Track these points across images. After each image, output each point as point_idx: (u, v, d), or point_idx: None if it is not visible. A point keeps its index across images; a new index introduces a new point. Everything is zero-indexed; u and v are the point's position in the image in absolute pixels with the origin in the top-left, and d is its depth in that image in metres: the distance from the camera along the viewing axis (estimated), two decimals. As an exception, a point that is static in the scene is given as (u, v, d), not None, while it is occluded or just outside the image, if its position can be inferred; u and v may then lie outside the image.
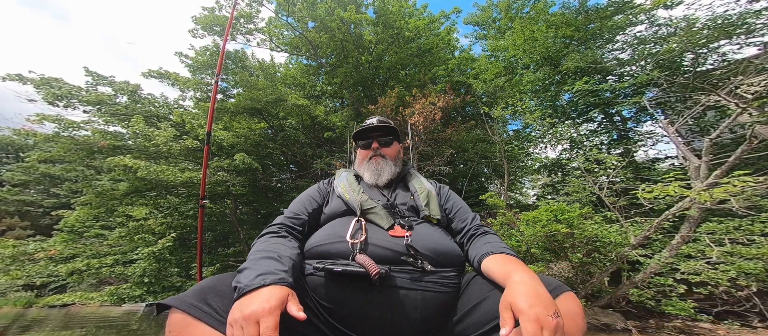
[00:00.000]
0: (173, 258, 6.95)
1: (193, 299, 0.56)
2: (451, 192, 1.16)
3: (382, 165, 1.12)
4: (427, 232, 0.87)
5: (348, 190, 1.01)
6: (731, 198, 2.21)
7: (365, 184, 1.13)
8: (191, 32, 7.91)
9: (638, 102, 4.40)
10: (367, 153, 1.16)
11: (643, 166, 5.06)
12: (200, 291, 0.58)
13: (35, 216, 19.64)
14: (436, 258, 0.80)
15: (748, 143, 2.30)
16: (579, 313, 0.63)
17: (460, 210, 1.05)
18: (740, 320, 3.23)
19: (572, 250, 3.62)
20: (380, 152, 1.15)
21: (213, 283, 0.61)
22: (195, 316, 0.54)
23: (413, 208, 0.99)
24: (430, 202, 1.00)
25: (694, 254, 3.03)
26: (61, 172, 7.61)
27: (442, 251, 0.83)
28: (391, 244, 0.79)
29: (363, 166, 1.16)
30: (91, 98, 6.35)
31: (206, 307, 0.56)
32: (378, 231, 0.84)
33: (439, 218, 0.97)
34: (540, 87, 6.35)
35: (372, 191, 1.07)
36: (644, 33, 5.38)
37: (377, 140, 1.16)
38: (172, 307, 0.55)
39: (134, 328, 5.13)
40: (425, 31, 8.64)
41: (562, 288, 0.67)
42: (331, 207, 1.00)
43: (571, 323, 0.60)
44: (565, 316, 0.60)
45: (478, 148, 7.28)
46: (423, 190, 1.04)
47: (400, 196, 1.04)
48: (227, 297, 0.58)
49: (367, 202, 0.93)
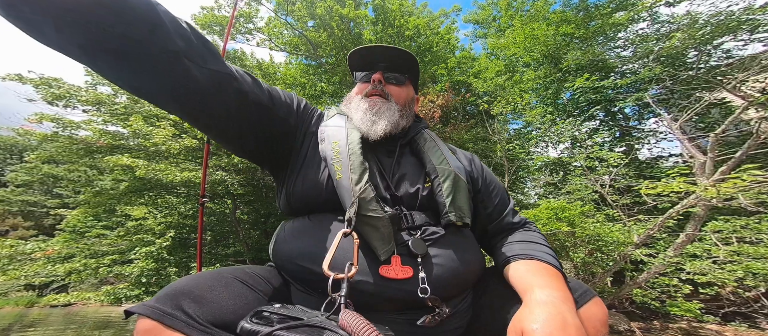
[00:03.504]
0: (172, 258, 6.93)
1: (162, 304, 0.46)
2: (486, 168, 0.81)
3: (381, 108, 0.72)
4: (447, 258, 0.59)
5: (344, 161, 0.63)
6: (739, 194, 2.13)
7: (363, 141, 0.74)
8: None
9: (641, 99, 4.33)
10: (363, 87, 0.78)
11: (647, 164, 4.98)
12: (172, 294, 0.47)
13: (38, 216, 19.82)
14: (454, 290, 0.59)
15: (755, 138, 2.23)
16: (604, 320, 0.56)
17: (499, 203, 0.76)
18: (748, 322, 3.14)
19: (574, 250, 3.55)
20: (383, 89, 0.76)
21: (187, 285, 0.49)
22: (166, 323, 0.44)
23: (428, 202, 0.67)
24: (457, 195, 0.65)
25: (700, 253, 2.95)
26: (64, 173, 7.63)
27: (465, 278, 0.61)
28: (386, 292, 0.53)
29: (352, 105, 0.76)
30: (91, 98, 6.36)
31: (179, 313, 0.45)
32: (367, 260, 0.55)
33: (469, 222, 0.66)
34: (541, 85, 6.29)
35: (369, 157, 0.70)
36: (646, 30, 5.31)
37: (384, 72, 0.77)
38: (139, 314, 0.45)
39: (131, 327, 5.10)
40: (425, 29, 8.61)
41: (589, 294, 0.58)
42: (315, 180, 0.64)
43: (594, 332, 0.53)
44: (592, 323, 0.53)
45: (479, 147, 7.23)
46: (446, 173, 0.67)
47: (408, 179, 0.69)
48: (205, 300, 0.47)
49: (371, 202, 0.58)
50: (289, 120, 0.70)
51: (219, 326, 0.46)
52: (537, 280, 0.53)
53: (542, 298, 0.48)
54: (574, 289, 0.58)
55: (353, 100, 0.77)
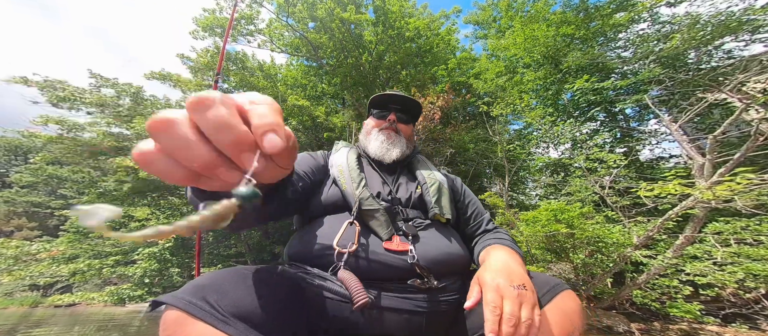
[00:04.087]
0: (175, 259, 7.00)
1: (189, 296, 0.50)
2: (466, 187, 1.02)
3: (394, 140, 0.97)
4: (433, 240, 0.76)
5: (346, 176, 0.84)
6: (736, 197, 2.14)
7: (366, 159, 1.00)
8: (192, 34, 7.99)
9: (641, 100, 4.33)
10: (379, 123, 1.01)
11: (648, 165, 4.97)
12: (197, 287, 0.53)
13: (43, 217, 20.01)
14: (445, 267, 0.72)
15: (753, 140, 2.23)
16: (577, 311, 0.61)
17: (475, 211, 0.94)
18: (749, 323, 3.14)
19: (573, 251, 3.55)
20: (396, 126, 1.00)
21: (211, 279, 0.56)
22: (192, 313, 0.48)
23: (419, 202, 0.85)
24: (440, 198, 0.85)
25: (700, 255, 2.95)
26: (68, 174, 7.72)
27: (450, 260, 0.74)
28: (389, 260, 0.69)
29: (371, 136, 1.00)
30: (95, 100, 6.44)
31: (204, 304, 0.50)
32: (373, 240, 0.72)
33: (450, 217, 0.83)
34: (541, 86, 6.29)
35: (371, 173, 0.94)
36: (647, 30, 5.30)
37: (396, 113, 1.01)
38: (168, 304, 0.50)
39: (135, 327, 5.16)
40: (426, 30, 8.63)
41: (561, 286, 0.63)
42: (327, 195, 0.84)
43: (568, 322, 0.58)
44: (563, 314, 0.58)
45: (480, 148, 7.23)
46: (433, 181, 0.89)
47: (404, 187, 0.90)
48: (227, 293, 0.53)
49: (368, 200, 0.77)
50: (319, 175, 0.91)
51: (238, 318, 0.51)
52: (495, 252, 0.68)
53: (496, 258, 0.62)
54: (546, 282, 0.63)
55: (372, 132, 1.02)
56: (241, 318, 0.51)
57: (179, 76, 8.12)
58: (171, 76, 7.94)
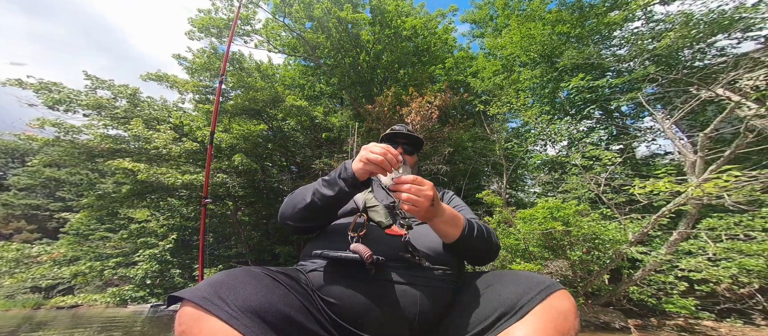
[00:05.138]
0: (175, 260, 7.01)
1: (205, 292, 0.55)
2: (455, 196, 1.22)
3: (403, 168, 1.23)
4: (425, 231, 0.90)
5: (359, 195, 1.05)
6: (724, 194, 2.16)
7: (376, 182, 1.21)
8: (188, 34, 7.96)
9: (635, 97, 4.35)
10: None
11: (643, 162, 5.00)
12: (212, 284, 0.57)
13: (42, 219, 19.96)
14: (435, 256, 0.84)
15: (743, 137, 2.26)
16: (571, 310, 0.62)
17: (456, 207, 1.09)
18: (743, 318, 3.18)
19: (570, 248, 3.59)
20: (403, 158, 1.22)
21: (224, 277, 0.60)
22: (207, 309, 0.53)
23: None
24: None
25: (695, 251, 2.98)
26: (66, 176, 7.70)
27: (438, 247, 0.86)
28: (389, 241, 0.84)
29: None
30: (91, 102, 6.41)
31: (218, 300, 0.54)
32: (378, 229, 0.90)
33: None
34: (538, 84, 6.31)
35: (379, 191, 1.14)
36: (641, 29, 5.32)
37: (403, 147, 1.23)
38: (184, 300, 0.54)
39: (138, 328, 5.18)
40: (422, 29, 8.62)
41: (555, 286, 0.65)
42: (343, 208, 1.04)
43: (563, 320, 0.59)
44: (558, 313, 0.60)
45: (477, 146, 7.25)
46: None
47: None
48: (239, 291, 0.58)
49: (371, 200, 1.00)
50: None
51: (249, 314, 0.55)
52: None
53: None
54: (540, 282, 0.65)
55: None
56: (253, 315, 0.55)
57: (176, 77, 8.11)
58: (167, 77, 7.92)
